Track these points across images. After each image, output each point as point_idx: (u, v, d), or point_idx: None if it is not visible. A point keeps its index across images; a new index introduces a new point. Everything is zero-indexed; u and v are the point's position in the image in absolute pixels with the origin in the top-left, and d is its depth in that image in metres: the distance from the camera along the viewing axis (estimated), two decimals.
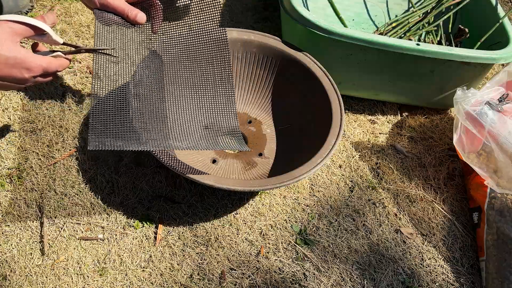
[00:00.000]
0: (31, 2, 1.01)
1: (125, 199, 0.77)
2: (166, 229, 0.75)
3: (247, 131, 0.86)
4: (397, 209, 0.82)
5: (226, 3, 1.16)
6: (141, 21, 0.65)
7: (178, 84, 0.73)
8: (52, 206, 0.75)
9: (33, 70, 0.56)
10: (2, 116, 0.84)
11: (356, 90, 0.94)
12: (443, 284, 0.75)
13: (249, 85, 0.89)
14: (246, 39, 0.84)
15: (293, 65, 0.84)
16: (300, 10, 0.83)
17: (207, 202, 0.78)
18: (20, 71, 0.55)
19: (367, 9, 1.11)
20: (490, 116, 0.76)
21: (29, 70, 0.56)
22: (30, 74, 0.56)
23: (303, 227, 0.78)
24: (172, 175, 0.81)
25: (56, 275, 0.68)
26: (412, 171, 0.88)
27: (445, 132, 0.96)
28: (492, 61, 0.84)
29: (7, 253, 0.69)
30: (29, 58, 0.55)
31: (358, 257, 0.75)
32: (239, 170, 0.80)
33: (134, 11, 0.64)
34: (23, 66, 0.55)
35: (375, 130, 0.95)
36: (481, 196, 0.79)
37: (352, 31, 0.81)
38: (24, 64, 0.55)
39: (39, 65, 0.57)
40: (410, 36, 0.97)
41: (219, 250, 0.73)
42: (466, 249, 0.79)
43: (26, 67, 0.55)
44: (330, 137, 0.72)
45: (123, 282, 0.68)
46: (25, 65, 0.55)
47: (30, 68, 0.56)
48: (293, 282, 0.71)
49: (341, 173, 0.86)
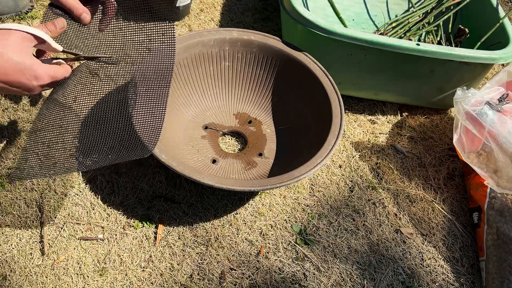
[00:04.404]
0: (31, 2, 1.01)
1: (125, 199, 0.77)
2: (166, 229, 0.75)
3: (247, 131, 0.87)
4: (397, 209, 0.82)
5: (226, 3, 1.16)
6: (84, 20, 0.65)
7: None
8: (52, 206, 0.75)
9: (41, 78, 0.56)
10: (2, 116, 0.84)
11: (356, 90, 0.94)
12: (443, 284, 0.75)
13: (249, 85, 0.89)
14: (246, 39, 0.84)
15: (293, 65, 0.84)
16: (300, 10, 0.83)
17: (207, 202, 0.78)
18: (28, 79, 0.55)
19: (367, 9, 1.11)
20: (490, 116, 0.76)
21: (37, 79, 0.56)
22: (39, 82, 0.57)
23: (303, 227, 0.78)
24: (172, 175, 0.81)
25: (56, 275, 0.68)
26: (412, 171, 0.88)
27: (445, 132, 0.96)
28: (492, 61, 0.84)
29: (7, 253, 0.69)
30: (38, 67, 0.56)
31: (358, 257, 0.75)
32: (239, 170, 0.80)
33: (79, 10, 0.64)
34: (32, 74, 0.55)
35: (375, 130, 0.95)
36: (481, 196, 0.79)
37: (352, 31, 0.81)
38: (33, 72, 0.55)
39: (48, 73, 0.57)
40: (410, 36, 0.97)
41: (219, 250, 0.73)
42: (466, 249, 0.79)
43: (35, 75, 0.56)
44: (330, 137, 0.72)
45: (123, 282, 0.68)
46: (34, 73, 0.55)
47: (38, 76, 0.56)
48: (293, 282, 0.71)
49: (341, 173, 0.86)
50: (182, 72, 0.83)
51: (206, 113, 0.87)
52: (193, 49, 0.82)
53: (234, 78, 0.88)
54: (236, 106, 0.89)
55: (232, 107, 0.89)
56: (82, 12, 0.64)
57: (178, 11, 1.05)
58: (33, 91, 0.58)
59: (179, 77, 0.83)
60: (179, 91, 0.84)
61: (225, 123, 0.87)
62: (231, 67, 0.87)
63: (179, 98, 0.84)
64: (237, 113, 0.89)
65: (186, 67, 0.83)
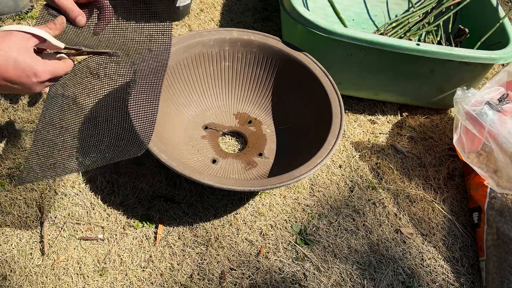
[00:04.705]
0: (31, 2, 1.01)
1: (125, 199, 0.77)
2: (166, 229, 0.75)
3: (247, 131, 0.87)
4: (397, 209, 0.82)
5: (226, 3, 1.16)
6: (79, 23, 0.65)
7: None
8: (52, 206, 0.75)
9: (40, 75, 0.57)
10: (2, 116, 0.84)
11: (356, 90, 0.94)
12: (443, 284, 0.75)
13: (249, 85, 0.89)
14: (246, 39, 0.84)
15: (293, 65, 0.84)
16: (300, 10, 0.83)
17: (207, 202, 0.78)
18: (28, 76, 0.56)
19: (367, 9, 1.11)
20: (490, 116, 0.76)
21: (37, 76, 0.57)
22: (38, 79, 0.57)
23: (303, 227, 0.78)
24: (172, 175, 0.81)
25: (56, 275, 0.68)
26: (412, 171, 0.88)
27: (445, 132, 0.96)
28: (492, 61, 0.84)
29: (7, 253, 0.69)
30: (37, 64, 0.57)
31: (358, 257, 0.75)
32: (239, 170, 0.80)
33: (75, 12, 0.64)
34: (32, 71, 0.56)
35: (375, 130, 0.95)
36: (481, 196, 0.79)
37: (352, 31, 0.81)
38: (33, 70, 0.56)
39: (47, 70, 0.58)
40: (410, 36, 0.97)
41: (219, 250, 0.73)
42: (466, 249, 0.79)
43: (34, 72, 0.57)
44: (330, 137, 0.72)
45: (123, 282, 0.68)
46: (34, 71, 0.56)
47: (38, 73, 0.57)
48: (293, 282, 0.71)
49: (341, 173, 0.86)
50: (182, 72, 0.83)
51: (206, 113, 0.87)
52: (193, 49, 0.82)
53: (234, 78, 0.88)
54: (236, 106, 0.89)
55: (232, 107, 0.89)
56: (78, 15, 0.65)
57: (178, 11, 1.05)
58: (33, 88, 0.59)
59: (179, 77, 0.83)
60: (179, 91, 0.84)
61: (225, 123, 0.87)
62: (231, 67, 0.87)
63: (179, 98, 0.84)
64: (237, 113, 0.89)
65: (186, 67, 0.83)
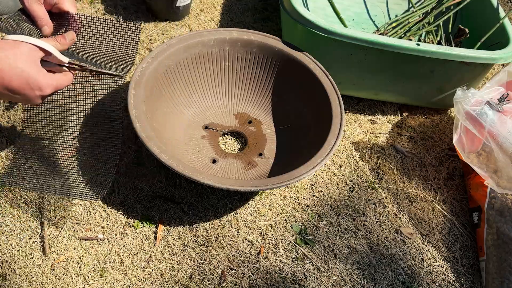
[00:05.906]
0: None
1: (125, 199, 0.77)
2: (166, 229, 0.75)
3: (247, 131, 0.87)
4: (397, 209, 0.82)
5: (226, 3, 1.16)
6: (44, 32, 0.67)
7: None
8: (52, 206, 0.75)
9: (44, 89, 0.59)
10: (2, 116, 0.84)
11: (356, 90, 0.94)
12: (443, 284, 0.75)
13: (249, 85, 0.89)
14: (246, 39, 0.84)
15: (293, 65, 0.84)
16: (300, 10, 0.83)
17: (207, 202, 0.78)
18: (32, 88, 0.58)
19: (367, 9, 1.11)
20: (490, 116, 0.76)
21: (41, 89, 0.59)
22: (41, 93, 0.59)
23: (303, 227, 0.78)
24: (172, 175, 0.81)
25: (56, 275, 0.68)
26: (412, 171, 0.88)
27: (445, 132, 0.96)
28: (492, 61, 0.84)
29: (7, 253, 0.69)
30: (42, 78, 0.58)
31: (358, 257, 0.75)
32: (239, 170, 0.80)
33: (43, 21, 0.66)
34: (37, 84, 0.58)
35: (375, 130, 0.95)
36: (481, 196, 0.79)
37: (352, 31, 0.81)
38: (37, 83, 0.58)
39: (51, 84, 0.60)
40: (410, 36, 0.97)
41: (219, 250, 0.73)
42: (466, 249, 0.79)
43: (39, 86, 0.58)
44: (330, 137, 0.72)
45: (123, 282, 0.68)
46: (39, 84, 0.58)
47: (41, 87, 0.58)
48: (293, 282, 0.71)
49: (341, 173, 0.86)
50: (182, 72, 0.83)
51: (206, 113, 0.87)
52: (193, 49, 0.82)
53: (234, 78, 0.88)
54: (236, 106, 0.89)
55: (232, 107, 0.89)
56: (44, 24, 0.66)
57: (178, 11, 1.05)
58: (34, 101, 0.60)
59: (179, 77, 0.83)
60: (179, 91, 0.84)
61: (225, 123, 0.87)
62: (231, 67, 0.87)
63: (179, 98, 0.84)
64: (237, 113, 0.89)
65: (186, 67, 0.83)
